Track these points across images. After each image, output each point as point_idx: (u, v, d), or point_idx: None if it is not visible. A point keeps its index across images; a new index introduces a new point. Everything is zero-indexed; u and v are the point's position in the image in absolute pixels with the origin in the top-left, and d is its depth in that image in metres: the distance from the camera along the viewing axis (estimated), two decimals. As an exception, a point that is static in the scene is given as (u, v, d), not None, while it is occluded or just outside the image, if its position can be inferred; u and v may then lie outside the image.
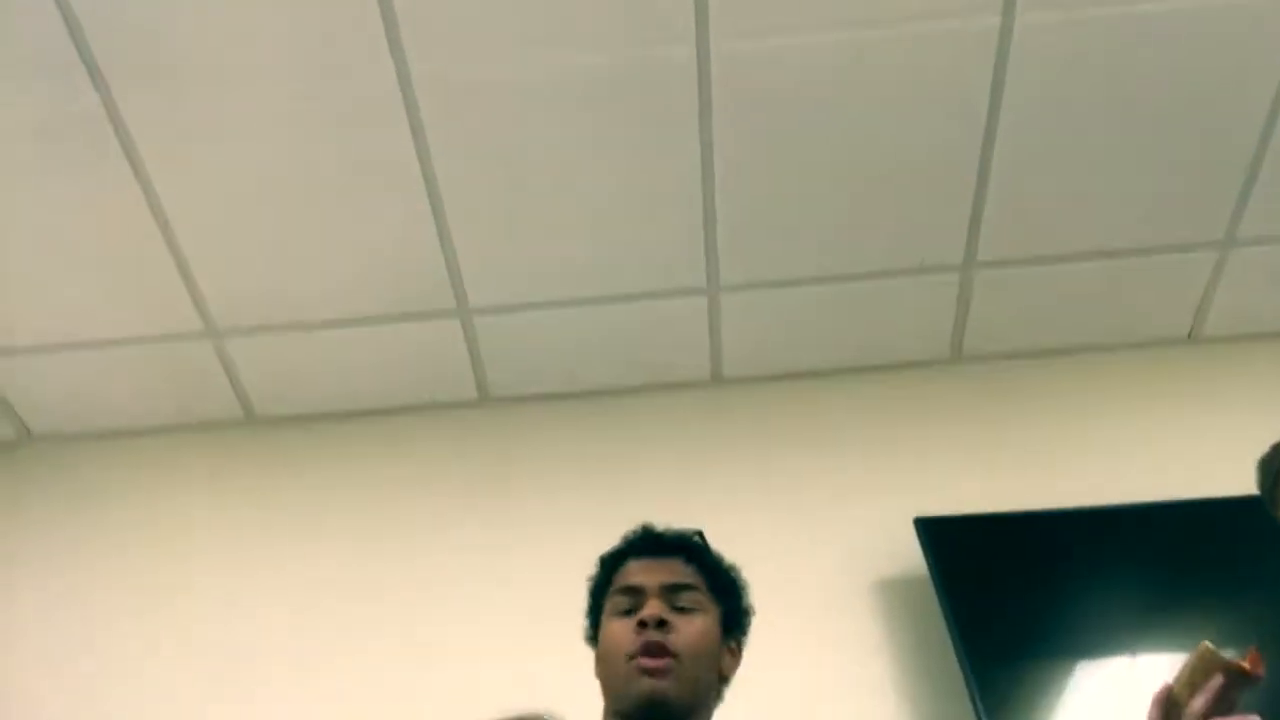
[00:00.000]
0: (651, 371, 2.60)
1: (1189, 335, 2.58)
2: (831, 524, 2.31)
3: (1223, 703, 1.14)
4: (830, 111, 2.08)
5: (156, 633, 2.26)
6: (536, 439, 2.53)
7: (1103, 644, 1.96)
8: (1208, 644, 1.21)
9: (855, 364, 2.60)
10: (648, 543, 1.46)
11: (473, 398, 2.60)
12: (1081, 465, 2.35)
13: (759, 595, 2.17)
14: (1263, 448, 1.43)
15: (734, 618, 1.44)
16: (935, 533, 2.14)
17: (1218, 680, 1.13)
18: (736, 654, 1.44)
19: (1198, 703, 1.12)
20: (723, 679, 1.40)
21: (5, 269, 2.25)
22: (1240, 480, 1.47)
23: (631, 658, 1.30)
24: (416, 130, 2.05)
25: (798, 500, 2.37)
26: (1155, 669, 1.91)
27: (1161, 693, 1.19)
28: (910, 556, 2.15)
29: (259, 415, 2.59)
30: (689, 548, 1.45)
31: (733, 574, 1.48)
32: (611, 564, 1.47)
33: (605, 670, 1.37)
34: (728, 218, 2.25)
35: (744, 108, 2.06)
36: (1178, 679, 1.19)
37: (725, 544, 2.23)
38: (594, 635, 1.44)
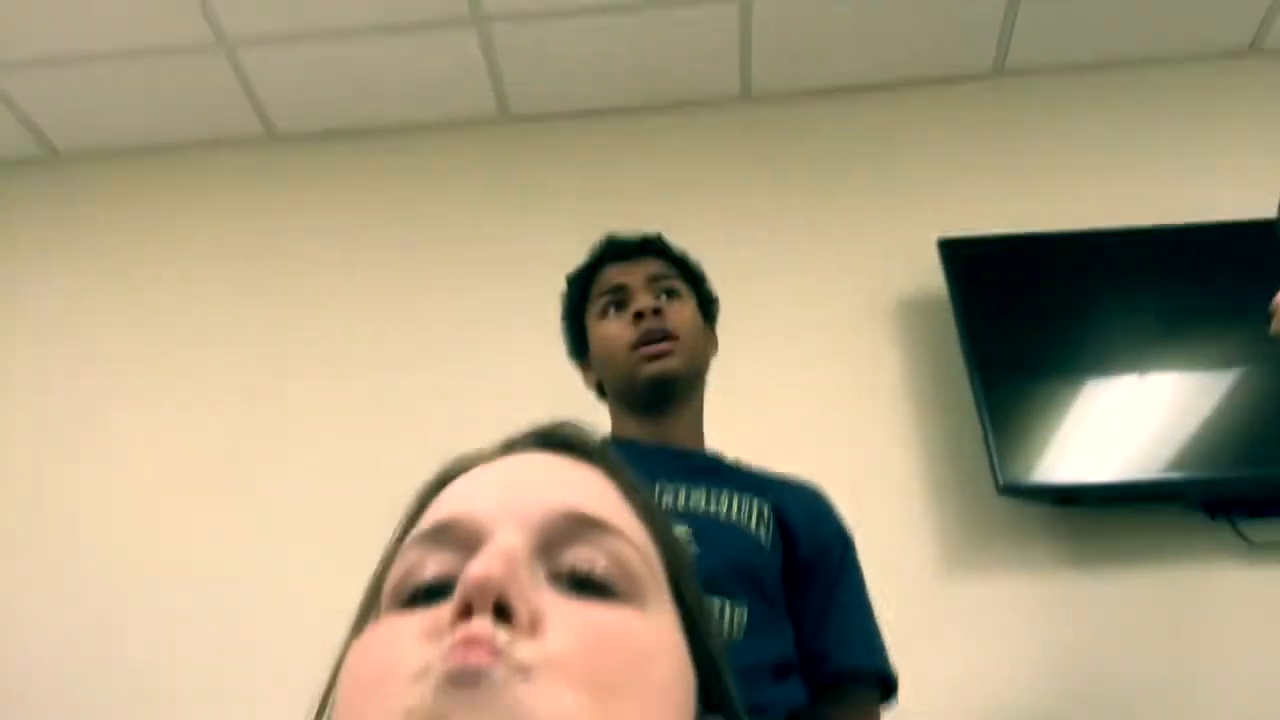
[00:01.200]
0: (677, 87, 2.50)
1: (1250, 46, 2.41)
2: (854, 244, 2.30)
3: None
4: None
5: (181, 348, 2.32)
6: (558, 156, 2.49)
7: (1113, 365, 1.98)
8: None
9: (890, 79, 2.48)
10: (617, 247, 1.50)
11: (493, 114, 2.54)
12: (1115, 186, 2.28)
13: (780, 312, 2.23)
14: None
15: (707, 303, 1.51)
16: (957, 254, 2.12)
17: None
18: (713, 339, 1.51)
19: None
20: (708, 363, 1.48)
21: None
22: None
23: (634, 348, 1.36)
24: None
25: (821, 220, 2.34)
26: (1162, 389, 1.96)
27: None
28: (930, 278, 2.15)
29: (280, 131, 2.56)
30: (656, 245, 1.50)
31: (696, 264, 1.53)
32: (586, 275, 1.50)
33: (607, 369, 1.42)
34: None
35: None
36: None
37: (748, 263, 2.27)
38: (579, 350, 1.49)
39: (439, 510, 0.52)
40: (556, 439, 0.58)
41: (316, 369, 2.26)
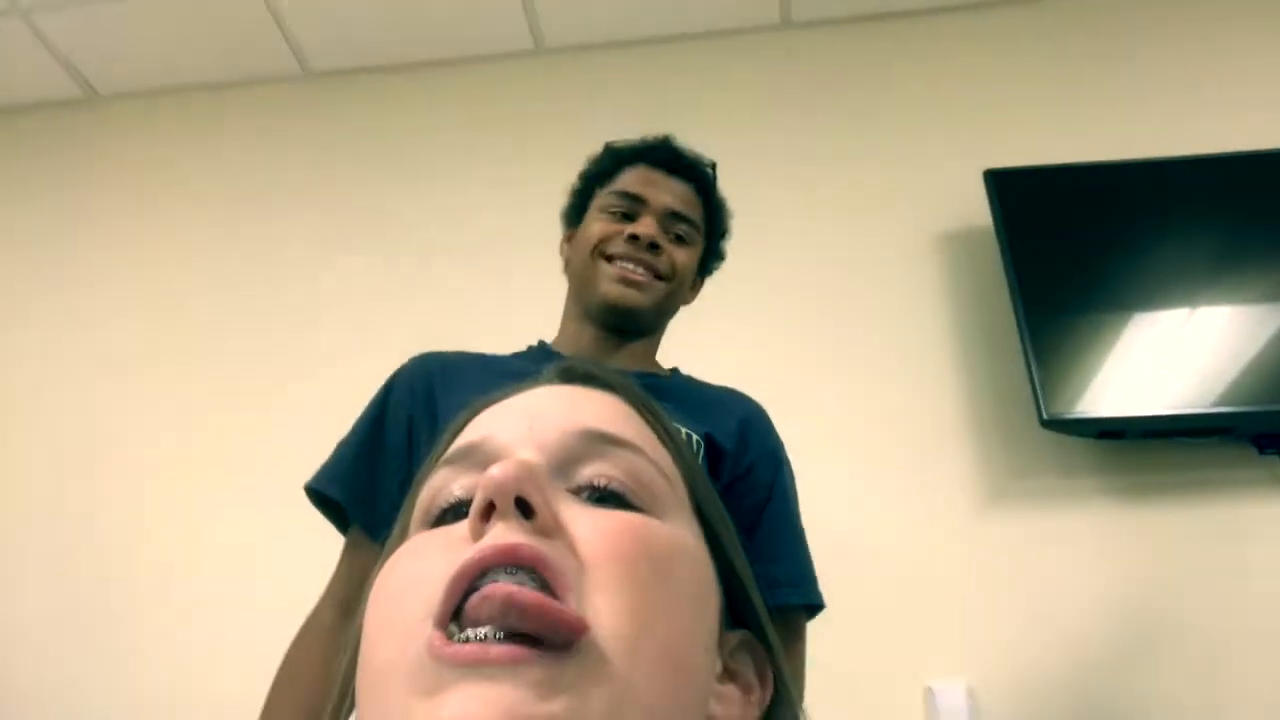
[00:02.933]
0: (717, 17, 2.45)
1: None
2: (898, 176, 2.25)
3: None
4: None
5: (227, 281, 2.35)
6: (595, 89, 2.45)
7: (1161, 298, 1.94)
8: None
9: (932, 5, 2.41)
10: (664, 154, 1.37)
11: (528, 48, 2.51)
12: (1165, 114, 2.21)
13: (823, 245, 2.20)
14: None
15: (711, 256, 1.41)
16: (1005, 185, 2.08)
17: None
18: (696, 289, 1.42)
19: None
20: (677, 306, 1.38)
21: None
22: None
23: (610, 258, 1.28)
24: None
25: (865, 152, 2.30)
26: (1211, 322, 1.92)
27: None
28: (976, 209, 2.11)
29: (313, 69, 2.55)
30: (702, 177, 1.38)
31: (728, 217, 1.42)
32: (619, 157, 1.38)
33: (578, 253, 1.33)
34: None
35: None
36: None
37: (790, 197, 2.24)
38: (574, 217, 1.39)
39: (464, 437, 0.54)
40: (578, 372, 0.59)
41: (353, 301, 2.27)
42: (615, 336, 1.30)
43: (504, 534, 0.44)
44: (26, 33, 2.41)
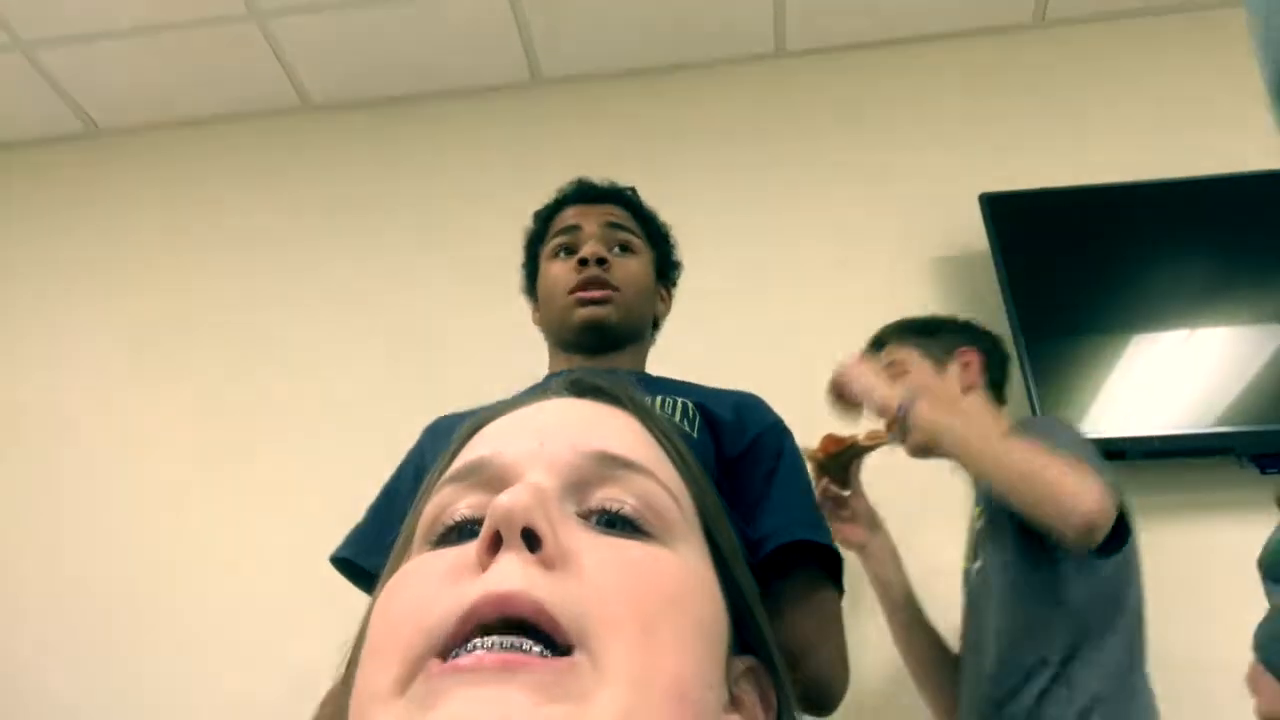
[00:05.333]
0: (711, 46, 2.47)
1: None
2: (893, 201, 2.26)
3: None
4: None
5: (230, 313, 2.36)
6: (591, 118, 2.47)
7: (1159, 319, 1.94)
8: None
9: (927, 31, 2.44)
10: (583, 190, 1.47)
11: (525, 79, 2.53)
12: (1159, 136, 2.22)
13: (820, 271, 2.21)
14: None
15: (666, 263, 1.48)
16: (1000, 208, 2.09)
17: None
18: (667, 299, 1.48)
19: None
20: (655, 321, 1.45)
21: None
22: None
23: (571, 292, 1.34)
24: None
25: (860, 178, 2.31)
26: (1210, 343, 1.92)
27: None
28: (971, 233, 2.12)
29: (312, 101, 2.57)
30: (624, 195, 1.46)
31: (664, 225, 1.49)
32: (548, 213, 1.47)
33: (547, 311, 1.40)
34: None
35: None
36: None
37: (786, 222, 2.25)
38: (530, 287, 1.47)
39: (470, 452, 0.53)
40: (587, 385, 0.58)
41: (351, 335, 2.28)
42: (598, 357, 1.34)
43: (507, 572, 0.42)
44: (28, 68, 2.43)
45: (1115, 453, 1.87)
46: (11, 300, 2.47)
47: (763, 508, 1.21)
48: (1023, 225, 2.07)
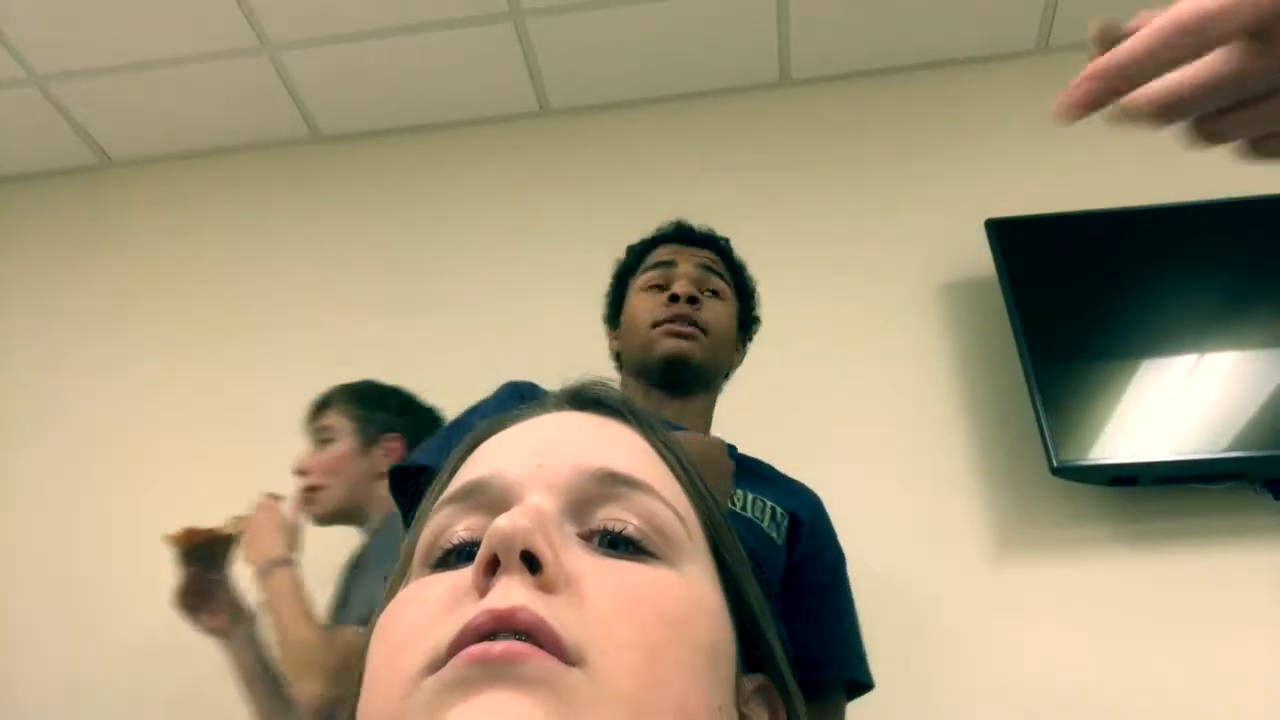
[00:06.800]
0: (715, 76, 2.49)
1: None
2: (900, 228, 2.27)
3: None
4: None
5: (245, 340, 2.37)
6: (599, 147, 2.49)
7: (1168, 344, 1.93)
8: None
9: (929, 59, 2.45)
10: (682, 231, 1.50)
11: (533, 109, 2.55)
12: (1166, 160, 2.20)
13: (827, 299, 2.21)
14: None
15: (748, 316, 1.50)
16: (1007, 234, 2.09)
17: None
18: (742, 352, 1.50)
19: None
20: (727, 372, 1.46)
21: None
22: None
23: (657, 325, 1.35)
24: None
25: (867, 203, 2.32)
26: (1221, 367, 1.91)
27: None
28: (978, 259, 2.11)
29: (322, 133, 2.60)
30: (719, 243, 1.49)
31: (751, 279, 1.52)
32: (643, 247, 1.50)
33: (628, 339, 1.41)
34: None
35: None
36: None
37: (793, 251, 2.25)
38: (614, 316, 1.49)
39: (469, 472, 0.51)
40: (588, 397, 0.57)
41: (361, 362, 2.26)
42: (676, 395, 1.35)
43: (506, 593, 0.41)
44: (42, 101, 2.46)
45: (1127, 478, 1.86)
46: (26, 329, 2.48)
47: (820, 623, 1.28)
48: (1030, 251, 2.07)
